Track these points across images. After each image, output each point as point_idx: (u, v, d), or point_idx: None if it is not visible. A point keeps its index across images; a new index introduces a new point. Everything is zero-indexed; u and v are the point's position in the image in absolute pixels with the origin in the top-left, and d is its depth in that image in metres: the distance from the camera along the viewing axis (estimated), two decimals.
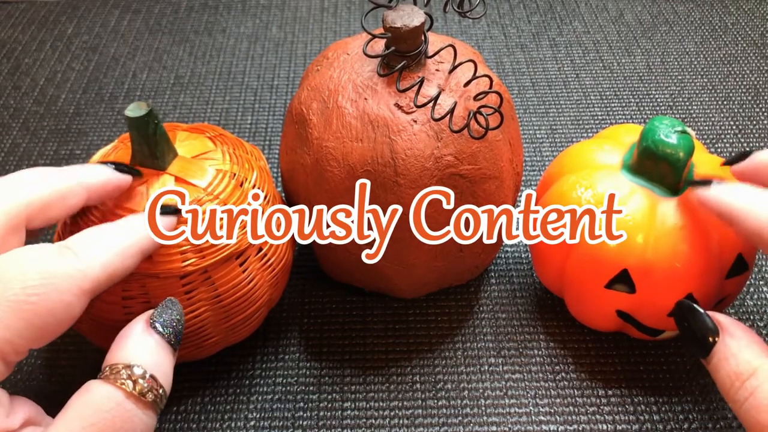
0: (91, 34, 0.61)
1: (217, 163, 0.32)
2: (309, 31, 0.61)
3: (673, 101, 0.53)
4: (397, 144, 0.30)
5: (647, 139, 0.32)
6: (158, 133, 0.30)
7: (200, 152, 0.32)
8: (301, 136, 0.33)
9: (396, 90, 0.31)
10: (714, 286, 0.32)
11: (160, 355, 0.25)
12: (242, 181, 0.32)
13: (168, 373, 0.25)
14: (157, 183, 0.30)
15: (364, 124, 0.31)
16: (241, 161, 0.33)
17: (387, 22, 0.30)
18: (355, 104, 0.31)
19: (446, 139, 0.30)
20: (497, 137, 0.32)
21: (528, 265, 0.41)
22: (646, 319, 0.33)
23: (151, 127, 0.29)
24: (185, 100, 0.54)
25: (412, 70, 0.31)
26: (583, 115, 0.52)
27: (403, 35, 0.30)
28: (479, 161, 0.31)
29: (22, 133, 0.51)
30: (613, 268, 0.31)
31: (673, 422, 0.33)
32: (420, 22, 0.30)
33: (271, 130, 0.51)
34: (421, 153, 0.30)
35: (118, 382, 0.23)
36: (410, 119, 0.30)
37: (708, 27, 0.60)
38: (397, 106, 0.31)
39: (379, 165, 0.30)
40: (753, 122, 0.51)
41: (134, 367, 0.24)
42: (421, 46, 0.31)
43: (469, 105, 0.31)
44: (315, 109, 0.32)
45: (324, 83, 0.32)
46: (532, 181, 0.46)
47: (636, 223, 0.31)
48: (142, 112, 0.29)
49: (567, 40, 0.59)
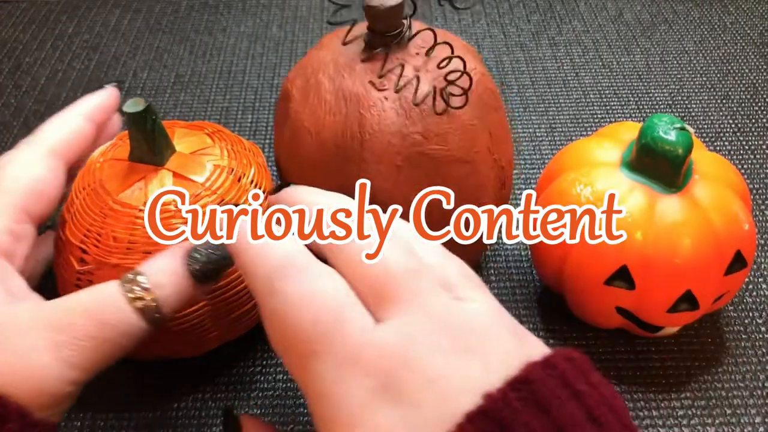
0: (92, 33, 0.61)
1: (215, 159, 0.32)
2: (309, 30, 0.61)
3: (672, 100, 0.53)
4: (366, 119, 0.30)
5: (646, 136, 0.32)
6: (156, 128, 0.30)
7: (198, 148, 0.32)
8: (285, 112, 0.33)
9: (373, 71, 0.31)
10: (713, 283, 0.32)
11: (170, 277, 0.27)
12: (240, 177, 0.32)
13: (170, 294, 0.27)
14: (155, 179, 0.30)
15: (338, 99, 0.31)
16: (239, 157, 0.33)
17: (366, 1, 0.31)
18: (332, 81, 0.31)
19: (415, 117, 0.30)
20: (472, 122, 0.32)
21: (528, 262, 0.41)
22: (645, 315, 0.33)
23: (149, 122, 0.29)
24: (186, 98, 0.54)
25: (392, 51, 0.32)
26: (582, 113, 0.52)
27: (380, 14, 0.30)
28: (448, 142, 0.31)
29: (23, 132, 0.51)
30: (613, 265, 0.32)
31: (673, 419, 0.34)
32: (396, 3, 0.30)
33: (272, 129, 0.51)
34: (387, 129, 0.30)
35: (123, 282, 0.26)
36: (382, 96, 0.31)
37: (707, 26, 0.60)
38: (371, 83, 0.31)
39: (348, 139, 0.31)
40: (751, 120, 0.51)
41: (141, 275, 0.26)
42: (400, 28, 0.31)
43: (439, 83, 0.31)
44: (298, 85, 0.33)
45: (310, 63, 0.33)
46: (531, 179, 0.46)
47: (635, 220, 0.31)
48: (140, 108, 0.29)
49: (566, 39, 0.59)
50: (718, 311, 0.38)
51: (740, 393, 0.34)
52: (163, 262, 0.27)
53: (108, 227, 0.30)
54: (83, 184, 0.32)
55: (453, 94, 0.30)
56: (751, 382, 0.35)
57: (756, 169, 0.47)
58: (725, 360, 0.36)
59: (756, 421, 0.33)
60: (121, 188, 0.30)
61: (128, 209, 0.30)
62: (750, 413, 0.34)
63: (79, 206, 0.31)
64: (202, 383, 0.35)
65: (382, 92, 0.31)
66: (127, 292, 0.26)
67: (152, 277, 0.26)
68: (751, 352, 0.36)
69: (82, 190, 0.31)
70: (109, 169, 0.31)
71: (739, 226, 0.32)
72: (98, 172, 0.31)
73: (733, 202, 0.32)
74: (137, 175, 0.30)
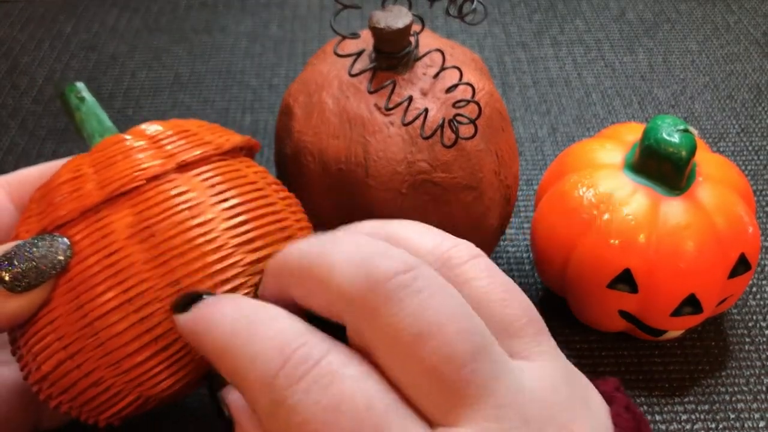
0: (90, 33, 0.61)
1: None
2: (308, 30, 0.61)
3: (676, 100, 0.52)
4: (371, 145, 0.30)
5: (649, 137, 0.31)
6: (83, 108, 0.28)
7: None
8: (286, 127, 0.33)
9: (380, 94, 0.30)
10: (717, 286, 0.32)
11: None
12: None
13: None
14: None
15: (342, 121, 0.30)
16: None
17: (372, 22, 0.29)
18: (336, 101, 0.31)
19: (421, 144, 0.30)
20: (478, 147, 0.31)
21: (530, 264, 0.41)
22: (648, 319, 0.33)
23: (73, 101, 0.28)
24: (184, 98, 0.53)
25: (399, 72, 0.31)
26: (584, 113, 0.51)
27: (386, 36, 0.29)
28: (454, 170, 0.30)
29: (21, 132, 0.51)
30: (616, 268, 0.31)
31: (677, 423, 0.33)
32: (404, 25, 0.29)
33: (271, 130, 0.50)
34: (393, 156, 0.30)
35: None
36: (387, 121, 0.30)
37: (710, 25, 0.60)
38: (377, 106, 0.30)
39: (352, 164, 0.30)
40: (755, 121, 0.50)
41: None
42: (407, 48, 0.30)
43: (447, 112, 0.30)
44: (301, 101, 0.32)
45: (313, 77, 0.32)
46: (533, 181, 0.46)
47: (638, 223, 0.31)
48: (64, 87, 0.28)
49: (568, 38, 0.59)
50: (721, 314, 0.38)
51: (744, 397, 0.34)
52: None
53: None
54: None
55: (461, 122, 0.29)
56: (755, 386, 0.35)
57: (760, 170, 0.46)
58: (729, 364, 0.36)
59: (760, 426, 0.33)
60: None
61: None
62: (754, 417, 0.33)
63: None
64: (203, 385, 0.35)
65: (387, 117, 0.30)
66: None
67: None
68: (755, 355, 0.36)
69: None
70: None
71: (743, 228, 0.32)
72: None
73: (737, 204, 0.32)
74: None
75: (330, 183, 0.31)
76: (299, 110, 0.32)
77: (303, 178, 0.31)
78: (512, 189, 0.35)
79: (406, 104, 0.30)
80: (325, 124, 0.30)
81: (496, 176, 0.33)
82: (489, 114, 0.32)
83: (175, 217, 0.23)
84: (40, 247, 0.23)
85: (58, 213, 0.24)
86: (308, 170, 0.31)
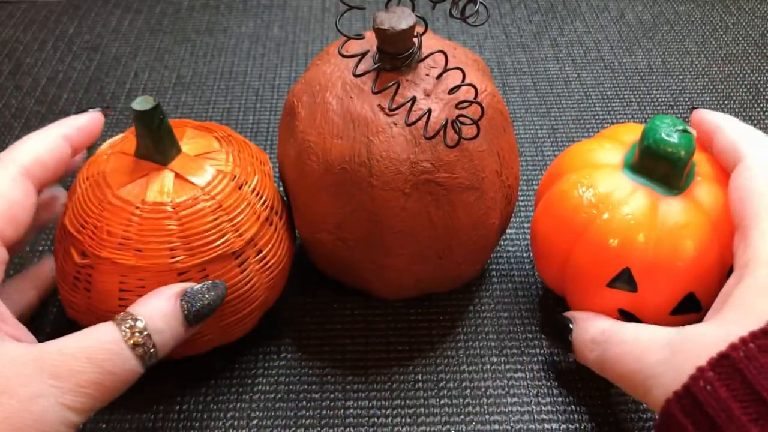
0: (93, 34, 0.61)
1: (218, 164, 0.32)
2: (310, 31, 0.61)
3: (675, 101, 0.53)
4: (374, 145, 0.30)
5: (648, 138, 0.32)
6: (163, 127, 0.30)
7: (204, 151, 0.32)
8: (290, 127, 0.33)
9: (383, 94, 0.31)
10: (716, 285, 0.32)
11: (168, 322, 0.28)
12: (241, 184, 0.32)
13: (168, 339, 0.28)
14: (158, 178, 0.30)
15: (346, 121, 0.30)
16: (244, 164, 0.33)
17: (375, 23, 0.30)
18: (340, 101, 0.31)
19: (424, 144, 0.30)
20: (480, 148, 0.31)
21: (530, 264, 0.41)
22: (648, 317, 0.33)
23: (155, 121, 0.29)
24: (187, 99, 0.54)
25: (402, 73, 0.31)
26: (584, 114, 0.52)
27: (390, 37, 0.30)
28: (456, 170, 0.31)
29: (25, 133, 0.50)
30: (615, 267, 0.32)
31: None
32: (408, 26, 0.29)
33: (273, 130, 0.51)
34: (396, 156, 0.30)
35: (122, 326, 0.26)
36: (390, 121, 0.30)
37: (709, 27, 0.60)
38: (380, 107, 0.30)
39: (355, 164, 0.30)
40: (754, 122, 0.51)
41: (139, 321, 0.27)
42: (410, 49, 0.31)
43: (450, 113, 0.31)
44: (304, 102, 0.32)
45: (317, 78, 0.32)
46: (533, 181, 0.46)
47: (637, 222, 0.31)
48: (149, 106, 0.29)
49: (568, 39, 0.59)
50: None
51: None
52: (158, 305, 0.28)
53: (104, 221, 0.30)
54: (88, 174, 0.32)
55: (464, 123, 0.30)
56: None
57: None
58: None
59: None
60: (123, 183, 0.30)
61: (125, 205, 0.30)
62: None
63: (81, 195, 0.31)
64: (203, 385, 0.35)
65: (390, 117, 0.30)
66: (127, 339, 0.26)
67: (150, 321, 0.27)
68: None
69: (86, 180, 0.31)
70: (114, 162, 0.31)
71: None
72: (103, 164, 0.31)
73: None
74: (140, 172, 0.31)
75: (333, 183, 0.31)
76: (303, 110, 0.32)
77: (306, 177, 0.32)
78: (513, 189, 0.35)
79: (410, 105, 0.30)
80: (329, 124, 0.31)
81: (498, 176, 0.33)
82: (491, 115, 0.32)
83: None
84: (212, 290, 0.29)
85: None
86: (311, 170, 0.31)
